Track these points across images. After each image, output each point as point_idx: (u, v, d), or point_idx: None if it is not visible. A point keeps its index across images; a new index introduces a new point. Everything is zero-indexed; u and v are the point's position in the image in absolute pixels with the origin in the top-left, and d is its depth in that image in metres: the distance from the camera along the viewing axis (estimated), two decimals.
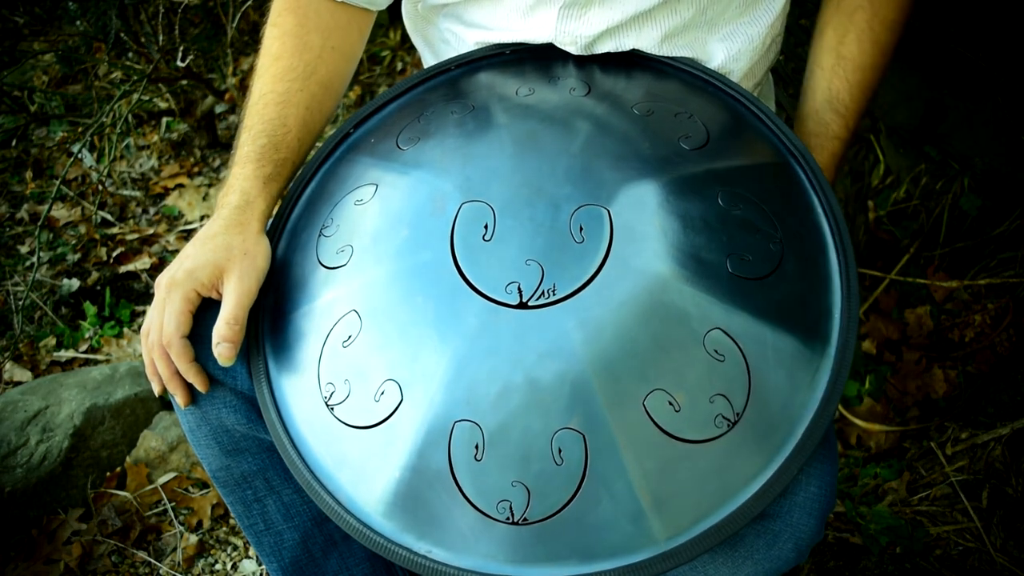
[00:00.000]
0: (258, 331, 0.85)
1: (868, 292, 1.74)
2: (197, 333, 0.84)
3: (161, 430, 1.66)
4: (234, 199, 0.88)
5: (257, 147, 0.91)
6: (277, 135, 0.92)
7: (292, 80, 0.94)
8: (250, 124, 0.93)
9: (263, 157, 0.90)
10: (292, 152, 0.93)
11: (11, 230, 2.34)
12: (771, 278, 0.76)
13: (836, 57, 0.95)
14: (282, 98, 0.94)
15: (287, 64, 0.95)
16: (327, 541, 1.00)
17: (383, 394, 0.75)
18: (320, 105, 0.97)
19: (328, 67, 0.98)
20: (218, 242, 0.84)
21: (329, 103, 0.99)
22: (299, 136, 0.94)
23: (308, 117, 0.95)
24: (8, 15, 1.99)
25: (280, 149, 0.92)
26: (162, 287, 0.83)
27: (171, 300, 0.82)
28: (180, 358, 0.83)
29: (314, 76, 0.96)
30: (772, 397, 0.74)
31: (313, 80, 0.96)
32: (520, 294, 0.74)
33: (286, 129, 0.93)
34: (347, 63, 1.02)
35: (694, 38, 0.94)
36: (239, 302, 0.82)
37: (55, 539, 1.51)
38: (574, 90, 0.89)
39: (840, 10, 0.96)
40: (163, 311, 0.83)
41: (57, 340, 1.98)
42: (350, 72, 1.03)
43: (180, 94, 2.39)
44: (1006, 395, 1.49)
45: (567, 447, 0.71)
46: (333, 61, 0.98)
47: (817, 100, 0.96)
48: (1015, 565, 1.29)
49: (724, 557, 0.80)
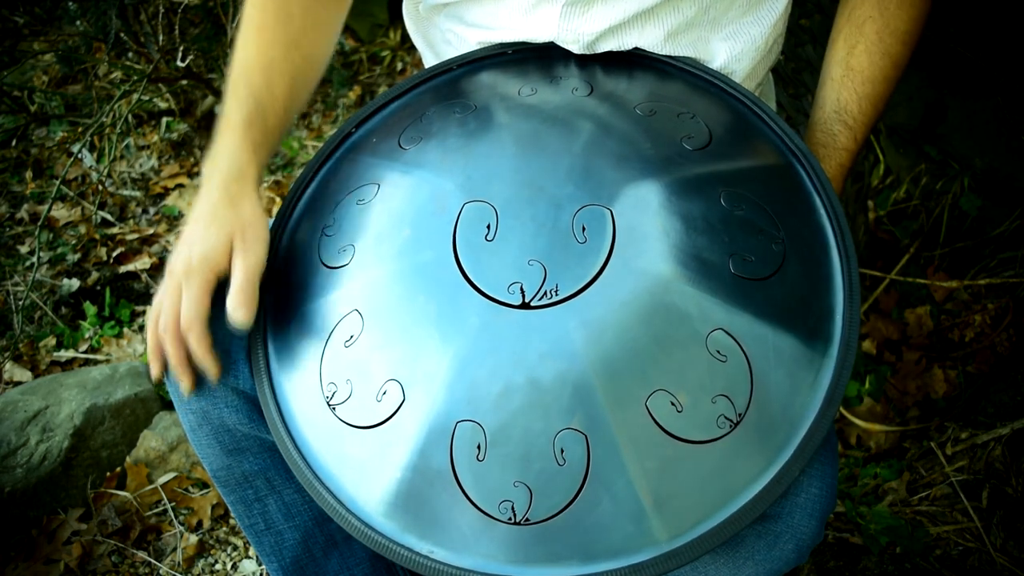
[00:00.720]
0: (260, 330, 0.85)
1: (868, 292, 1.74)
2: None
3: (161, 430, 1.66)
4: (224, 167, 0.86)
5: (244, 113, 0.89)
6: (264, 102, 0.91)
7: (276, 50, 0.94)
8: (235, 91, 0.91)
9: (252, 124, 0.89)
10: (279, 120, 0.92)
11: (11, 230, 2.33)
12: (773, 279, 0.76)
13: (845, 68, 0.94)
14: (267, 67, 0.93)
15: (271, 36, 0.94)
16: (328, 541, 1.00)
17: (385, 394, 0.75)
18: (304, 77, 0.97)
19: (310, 40, 0.97)
20: (221, 221, 0.84)
21: (312, 77, 0.99)
22: (285, 106, 0.93)
23: (293, 88, 0.94)
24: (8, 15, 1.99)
25: (268, 116, 0.91)
26: (177, 273, 0.83)
27: (189, 286, 0.82)
28: (199, 344, 0.82)
29: (298, 49, 0.95)
30: (774, 398, 0.74)
31: (297, 53, 0.95)
32: (522, 294, 0.74)
33: (273, 97, 0.92)
34: (327, 38, 1.01)
35: (697, 37, 0.94)
36: (247, 274, 0.82)
37: (55, 539, 1.51)
38: (576, 90, 0.89)
39: (851, 21, 0.95)
40: (178, 297, 0.82)
41: (57, 340, 1.98)
42: (330, 48, 1.02)
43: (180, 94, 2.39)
44: (1006, 395, 1.49)
45: (569, 447, 0.71)
46: (315, 35, 0.98)
47: (826, 111, 0.95)
48: (1015, 565, 1.29)
49: (725, 558, 0.80)
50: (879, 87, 0.94)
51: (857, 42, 0.94)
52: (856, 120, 0.93)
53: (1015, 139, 1.66)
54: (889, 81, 0.94)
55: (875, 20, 0.93)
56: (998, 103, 1.67)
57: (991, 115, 1.69)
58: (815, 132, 0.95)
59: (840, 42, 0.95)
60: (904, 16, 0.93)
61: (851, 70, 0.94)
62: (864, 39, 0.93)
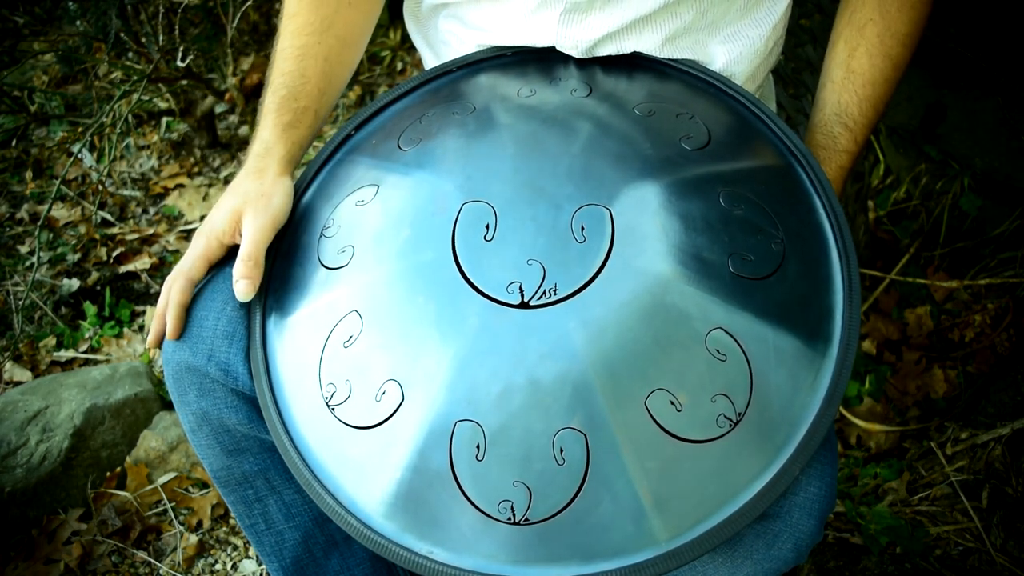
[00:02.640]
0: (259, 330, 0.85)
1: (868, 292, 1.74)
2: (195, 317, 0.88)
3: (161, 430, 1.66)
4: (255, 148, 0.92)
5: (277, 99, 0.94)
6: (296, 86, 0.94)
7: (309, 35, 0.97)
8: (271, 80, 0.96)
9: (282, 107, 0.94)
10: (313, 100, 0.95)
11: (11, 230, 2.34)
12: (773, 278, 0.77)
13: (846, 71, 0.94)
14: (300, 52, 0.96)
15: (304, 20, 0.97)
16: (328, 541, 1.00)
17: (384, 394, 0.75)
18: (339, 57, 0.99)
19: (345, 21, 0.99)
20: (238, 190, 0.89)
21: (349, 56, 1.01)
22: (319, 86, 0.96)
23: (327, 68, 0.97)
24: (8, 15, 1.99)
25: (299, 98, 0.94)
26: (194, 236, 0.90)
27: (194, 245, 0.88)
28: (176, 294, 0.87)
29: (331, 30, 0.97)
30: (774, 397, 0.74)
31: (330, 34, 0.97)
32: (522, 294, 0.74)
33: (304, 79, 0.95)
34: (364, 17, 1.03)
35: (695, 41, 0.94)
36: (253, 239, 0.85)
37: (55, 539, 1.51)
38: (575, 91, 0.89)
39: (851, 24, 0.95)
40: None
41: (57, 340, 1.98)
42: (369, 26, 1.04)
43: (180, 94, 2.39)
44: (1006, 395, 1.49)
45: (568, 447, 0.71)
46: (350, 15, 1.00)
47: (826, 113, 0.95)
48: (1015, 565, 1.29)
49: (724, 557, 0.80)
50: (880, 89, 0.94)
51: (858, 45, 0.94)
52: (856, 122, 0.94)
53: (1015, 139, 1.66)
54: (889, 83, 0.94)
55: (876, 23, 0.93)
56: (998, 103, 1.67)
57: (991, 115, 1.69)
58: (815, 134, 0.95)
59: (840, 44, 0.95)
60: (905, 19, 0.93)
61: (852, 72, 0.94)
62: (865, 41, 0.93)
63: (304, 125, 0.95)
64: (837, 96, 0.94)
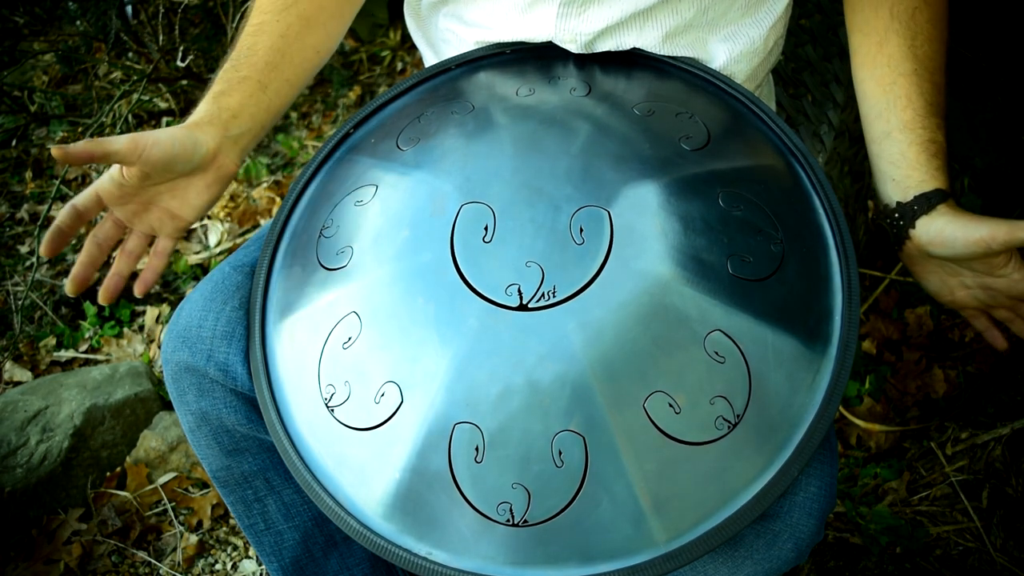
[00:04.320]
0: (258, 331, 0.85)
1: (868, 292, 1.73)
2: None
3: (161, 430, 1.66)
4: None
5: (218, 74, 0.93)
6: (239, 58, 0.93)
7: (268, 12, 0.96)
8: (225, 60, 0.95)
9: (220, 79, 0.92)
10: (256, 71, 0.93)
11: (11, 230, 2.34)
12: (772, 279, 0.76)
13: (914, 61, 0.91)
14: (256, 28, 0.95)
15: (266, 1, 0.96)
16: (327, 541, 1.00)
17: (383, 396, 0.75)
18: (298, 34, 0.96)
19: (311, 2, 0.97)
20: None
21: (313, 37, 0.98)
22: (266, 59, 0.94)
23: (283, 44, 0.95)
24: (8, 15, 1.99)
25: (240, 68, 0.92)
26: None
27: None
28: (58, 217, 0.83)
29: (293, 8, 0.96)
30: (773, 398, 0.73)
31: (292, 12, 0.96)
32: (520, 296, 0.74)
33: (251, 52, 0.94)
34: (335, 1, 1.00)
35: (695, 38, 0.94)
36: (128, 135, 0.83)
37: (55, 539, 1.51)
38: (574, 90, 0.89)
39: (896, 17, 0.92)
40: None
41: (57, 340, 1.98)
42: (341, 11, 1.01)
43: (180, 94, 2.39)
44: (1006, 395, 1.49)
45: (567, 449, 0.71)
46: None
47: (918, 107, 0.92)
48: (1015, 565, 1.29)
49: (723, 557, 0.80)
50: (943, 75, 0.92)
51: (916, 34, 0.91)
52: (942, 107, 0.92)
53: (1015, 139, 1.66)
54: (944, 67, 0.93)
55: (922, 10, 0.92)
56: (998, 103, 1.67)
57: (991, 115, 1.69)
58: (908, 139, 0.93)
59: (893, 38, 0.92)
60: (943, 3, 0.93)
61: (920, 60, 0.91)
62: (921, 30, 0.91)
63: (239, 92, 0.91)
64: (918, 88, 0.91)
